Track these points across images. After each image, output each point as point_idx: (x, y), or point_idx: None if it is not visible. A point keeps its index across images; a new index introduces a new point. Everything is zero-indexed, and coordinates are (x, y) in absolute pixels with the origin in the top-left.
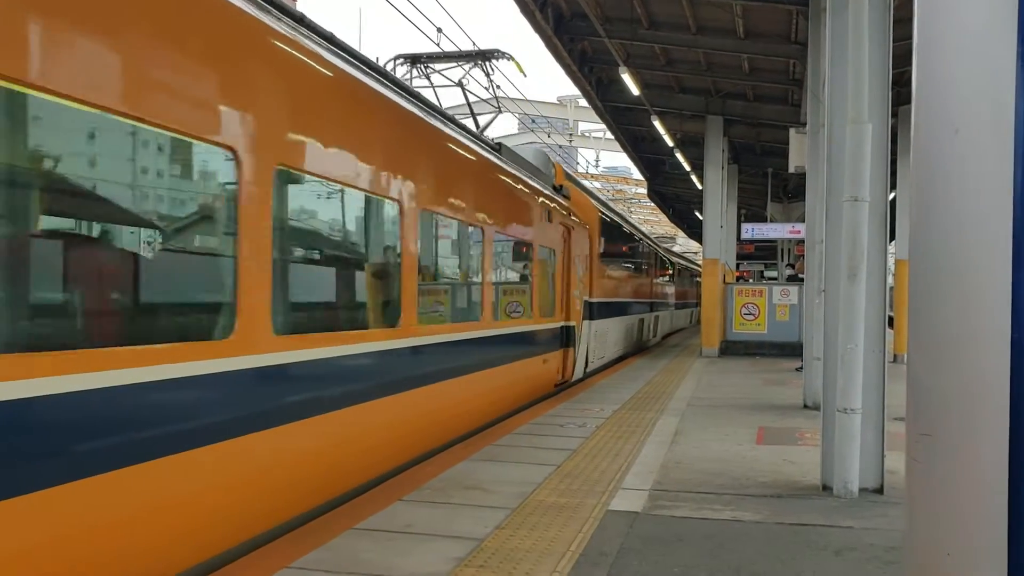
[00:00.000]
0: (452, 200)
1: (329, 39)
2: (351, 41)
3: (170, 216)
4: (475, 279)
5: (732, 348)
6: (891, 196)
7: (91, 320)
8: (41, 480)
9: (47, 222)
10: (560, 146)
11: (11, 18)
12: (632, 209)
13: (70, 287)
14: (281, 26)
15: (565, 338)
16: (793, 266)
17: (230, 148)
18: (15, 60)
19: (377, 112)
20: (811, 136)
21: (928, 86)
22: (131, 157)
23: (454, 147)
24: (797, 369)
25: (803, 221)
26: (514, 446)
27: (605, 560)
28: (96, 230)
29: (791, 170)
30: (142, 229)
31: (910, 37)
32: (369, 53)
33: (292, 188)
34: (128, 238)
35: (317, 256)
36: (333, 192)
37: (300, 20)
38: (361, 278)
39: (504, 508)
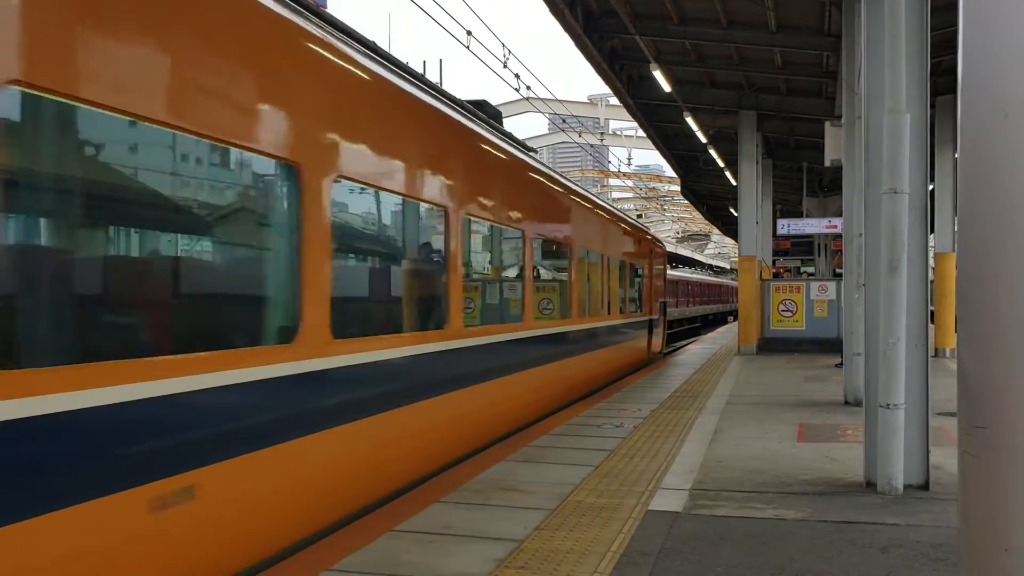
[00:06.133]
0: None
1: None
2: (381, 44)
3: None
4: None
5: (770, 345)
6: (930, 187)
7: None
8: None
9: None
10: (592, 145)
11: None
12: (666, 207)
13: None
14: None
15: None
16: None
17: None
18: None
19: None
20: (847, 128)
21: (975, 69)
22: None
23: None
24: (837, 365)
25: (840, 215)
26: (551, 447)
27: (647, 560)
28: None
29: (827, 164)
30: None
31: (948, 26)
32: (399, 57)
33: None
34: None
35: None
36: None
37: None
38: None
39: (543, 509)
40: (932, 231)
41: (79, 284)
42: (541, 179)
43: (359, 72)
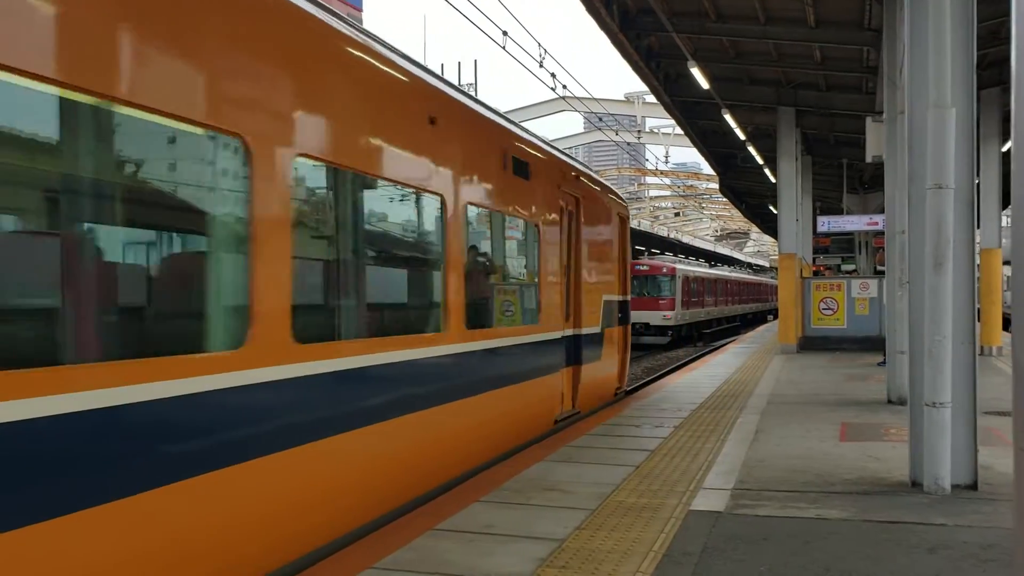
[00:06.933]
0: None
1: None
2: (416, 48)
3: None
4: None
5: (810, 344)
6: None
7: None
8: None
9: None
10: (628, 143)
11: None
12: (704, 205)
13: None
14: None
15: None
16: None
17: None
18: None
19: None
20: (889, 124)
21: None
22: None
23: None
24: (879, 364)
25: (881, 212)
26: (590, 447)
27: (689, 560)
28: None
29: (868, 160)
30: None
31: (995, 17)
32: (434, 59)
33: None
34: None
35: None
36: None
37: None
38: None
39: (583, 509)
40: (977, 226)
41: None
42: None
43: None
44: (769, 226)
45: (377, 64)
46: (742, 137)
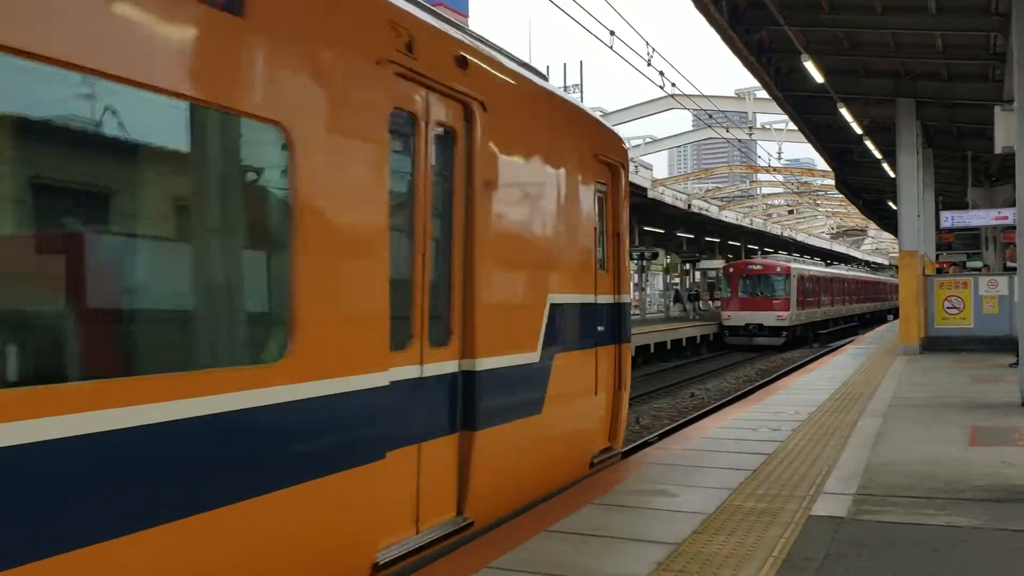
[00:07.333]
0: None
1: None
2: (522, 51)
3: None
4: None
5: (934, 344)
6: None
7: None
8: None
9: None
10: (739, 140)
11: None
12: (819, 202)
13: None
14: None
15: None
16: None
17: None
18: None
19: None
20: (1019, 113)
21: None
22: None
23: None
24: (1012, 365)
25: (1010, 205)
26: (706, 450)
27: (810, 565)
28: None
29: (997, 151)
30: None
31: None
32: (540, 61)
33: None
34: None
35: None
36: None
37: None
38: None
39: (699, 513)
40: None
41: None
42: None
43: None
44: (888, 223)
45: None
46: (858, 131)
